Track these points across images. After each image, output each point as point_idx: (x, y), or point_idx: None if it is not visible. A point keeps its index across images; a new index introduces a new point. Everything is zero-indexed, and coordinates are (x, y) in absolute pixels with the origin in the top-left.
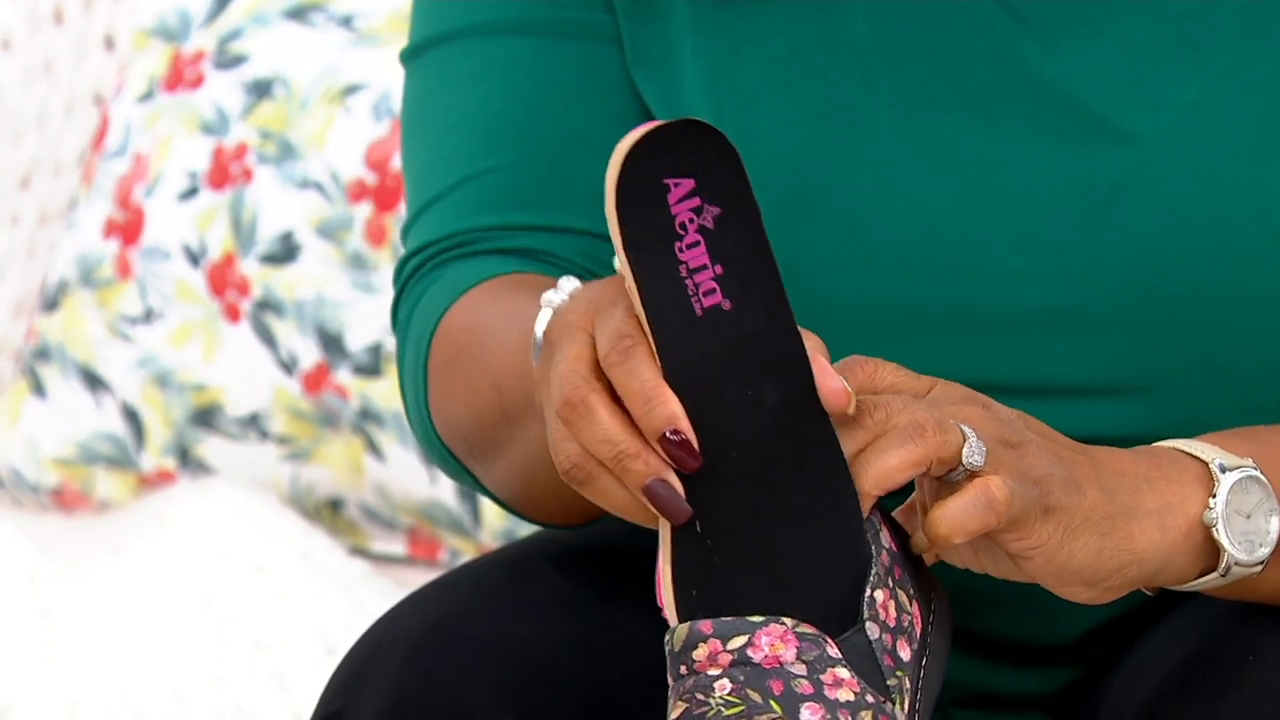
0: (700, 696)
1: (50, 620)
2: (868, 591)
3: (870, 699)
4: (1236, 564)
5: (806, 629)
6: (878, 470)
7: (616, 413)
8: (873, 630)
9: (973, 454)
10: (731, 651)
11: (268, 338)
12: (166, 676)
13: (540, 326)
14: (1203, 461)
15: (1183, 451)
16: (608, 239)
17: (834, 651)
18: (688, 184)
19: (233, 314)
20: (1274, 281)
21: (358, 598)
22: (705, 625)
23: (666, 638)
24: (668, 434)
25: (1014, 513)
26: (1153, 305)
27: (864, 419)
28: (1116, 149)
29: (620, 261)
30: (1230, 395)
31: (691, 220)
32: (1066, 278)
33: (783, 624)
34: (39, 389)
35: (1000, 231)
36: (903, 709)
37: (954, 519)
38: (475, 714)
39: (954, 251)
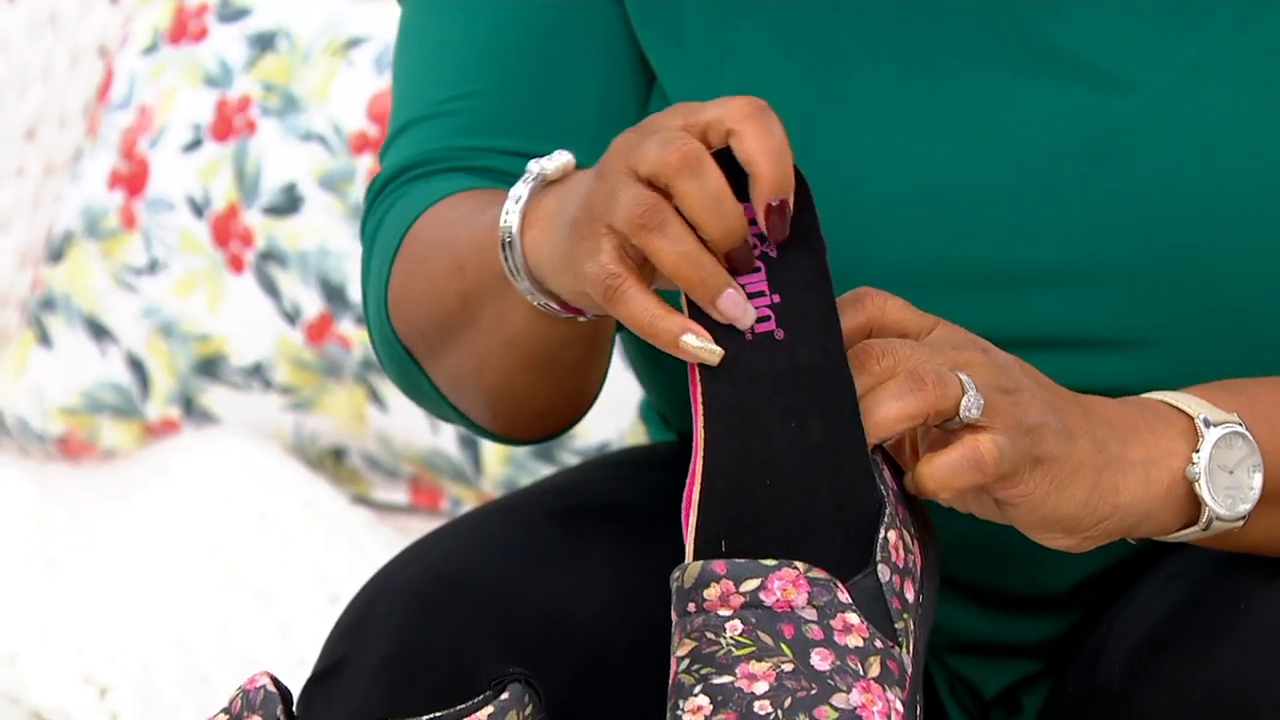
0: (710, 635)
1: (56, 568)
2: (881, 533)
3: (879, 644)
4: (1217, 519)
5: (818, 574)
6: (876, 420)
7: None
8: (884, 573)
9: (970, 408)
10: (744, 594)
11: (271, 288)
12: (171, 625)
13: (522, 190)
14: (1188, 416)
15: (1169, 405)
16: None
17: (844, 597)
18: (754, 213)
19: (236, 265)
20: (1270, 236)
21: (360, 546)
22: (718, 565)
23: (675, 574)
24: (773, 201)
25: (1002, 470)
26: (1151, 259)
27: (870, 364)
28: (1116, 104)
29: None
30: (1227, 348)
31: (756, 246)
32: (1066, 232)
33: (795, 568)
34: (45, 339)
35: (1000, 187)
36: (908, 652)
37: (941, 476)
38: (477, 663)
39: (953, 207)
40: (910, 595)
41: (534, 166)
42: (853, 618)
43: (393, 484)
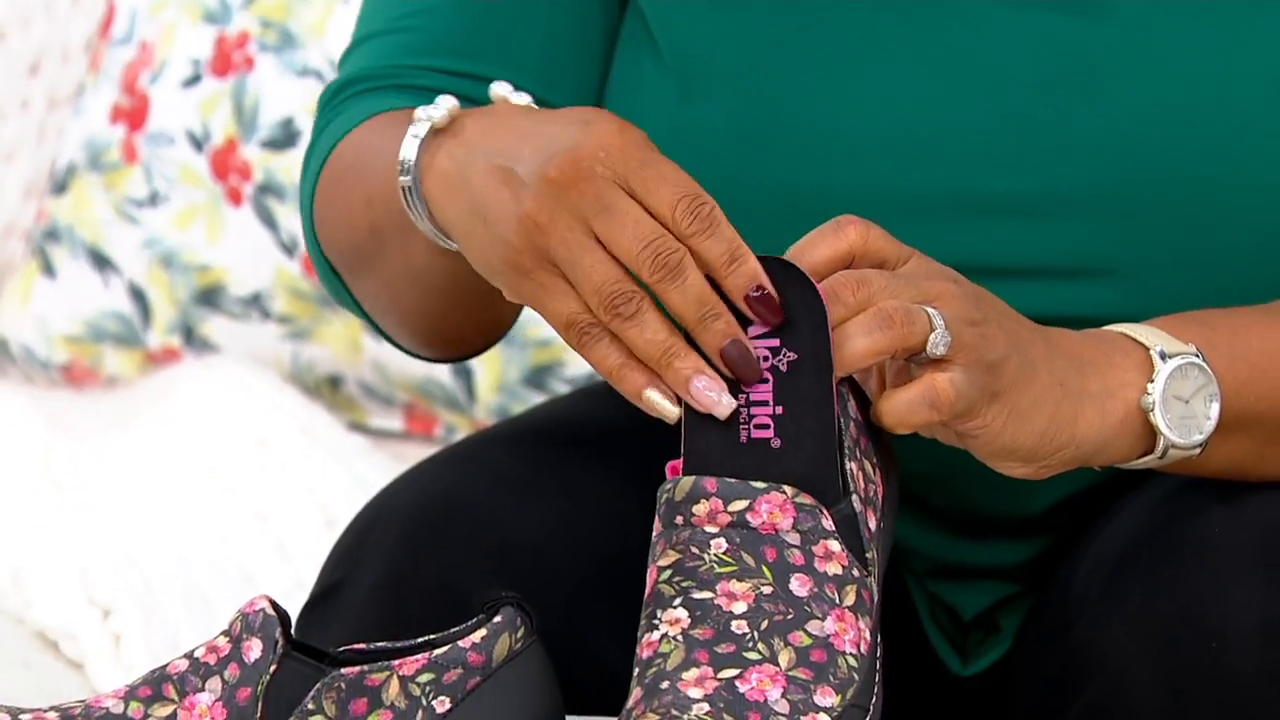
0: (695, 550)
1: (61, 491)
2: (841, 463)
3: (856, 573)
4: (1173, 447)
5: (805, 499)
6: (845, 354)
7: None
8: (856, 503)
9: (936, 344)
10: (731, 513)
11: (269, 220)
12: (173, 545)
13: (411, 144)
14: (1145, 348)
15: (1128, 336)
16: (544, 102)
17: (828, 524)
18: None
19: (235, 197)
20: (1243, 167)
21: (356, 471)
22: (709, 483)
23: (667, 485)
24: (751, 292)
25: (958, 409)
26: (1124, 189)
27: (845, 295)
28: (1091, 33)
29: None
30: (1199, 279)
31: (767, 359)
32: (1040, 162)
33: (783, 493)
34: (49, 269)
35: (975, 118)
36: (876, 582)
37: (899, 413)
38: (469, 588)
39: (930, 138)
40: (873, 525)
41: (420, 114)
42: (834, 545)
43: (388, 411)
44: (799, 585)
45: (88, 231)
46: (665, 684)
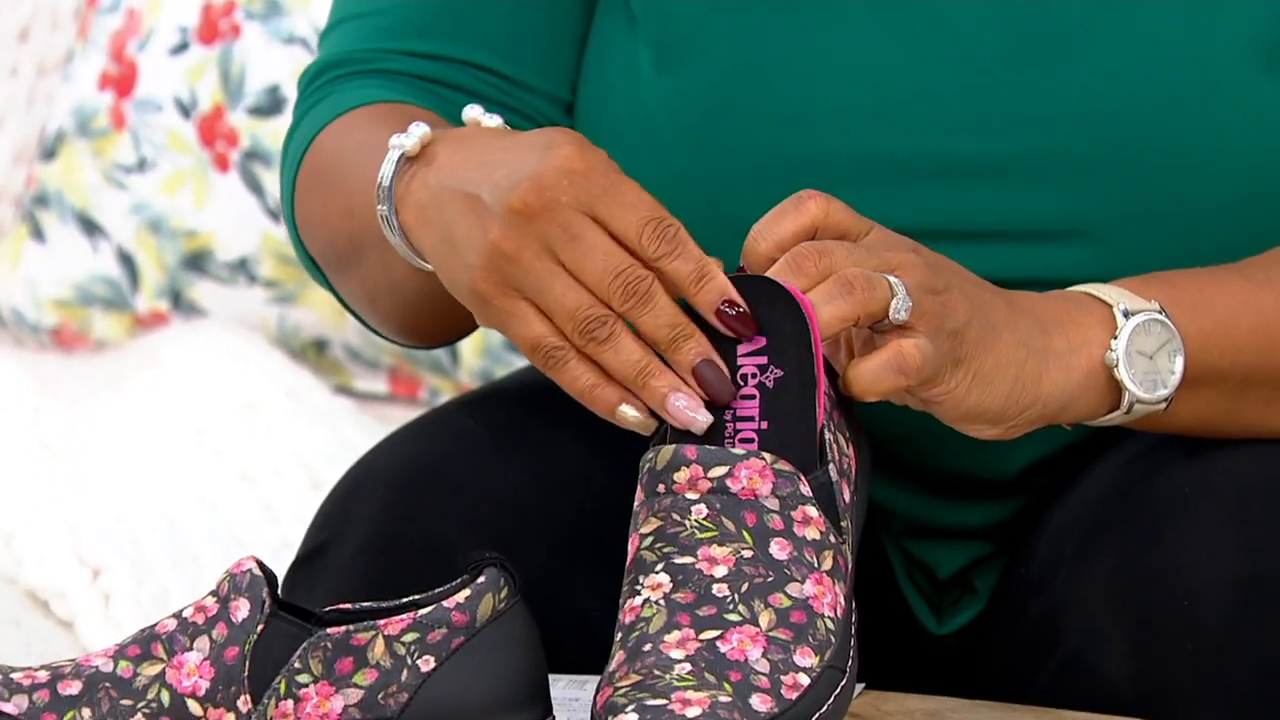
0: (676, 517)
1: (50, 453)
2: (823, 434)
3: (833, 539)
4: (1138, 402)
5: (784, 465)
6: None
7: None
8: (833, 472)
9: (898, 310)
10: (711, 479)
11: (255, 186)
12: (162, 506)
13: (387, 170)
14: (1108, 305)
15: (1091, 295)
16: (508, 77)
17: (806, 489)
18: (759, 342)
19: (222, 163)
20: (1211, 130)
21: (342, 433)
22: (690, 450)
23: (649, 454)
24: (723, 306)
25: (925, 374)
26: (1093, 153)
27: (807, 265)
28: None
29: None
30: (1168, 240)
31: (754, 375)
32: (1010, 126)
33: (763, 459)
34: (38, 234)
35: (948, 82)
36: (851, 551)
37: (866, 380)
38: (454, 548)
39: (902, 103)
40: (847, 496)
41: (394, 142)
42: (812, 511)
43: (373, 374)
44: (778, 549)
45: (77, 197)
46: (648, 646)
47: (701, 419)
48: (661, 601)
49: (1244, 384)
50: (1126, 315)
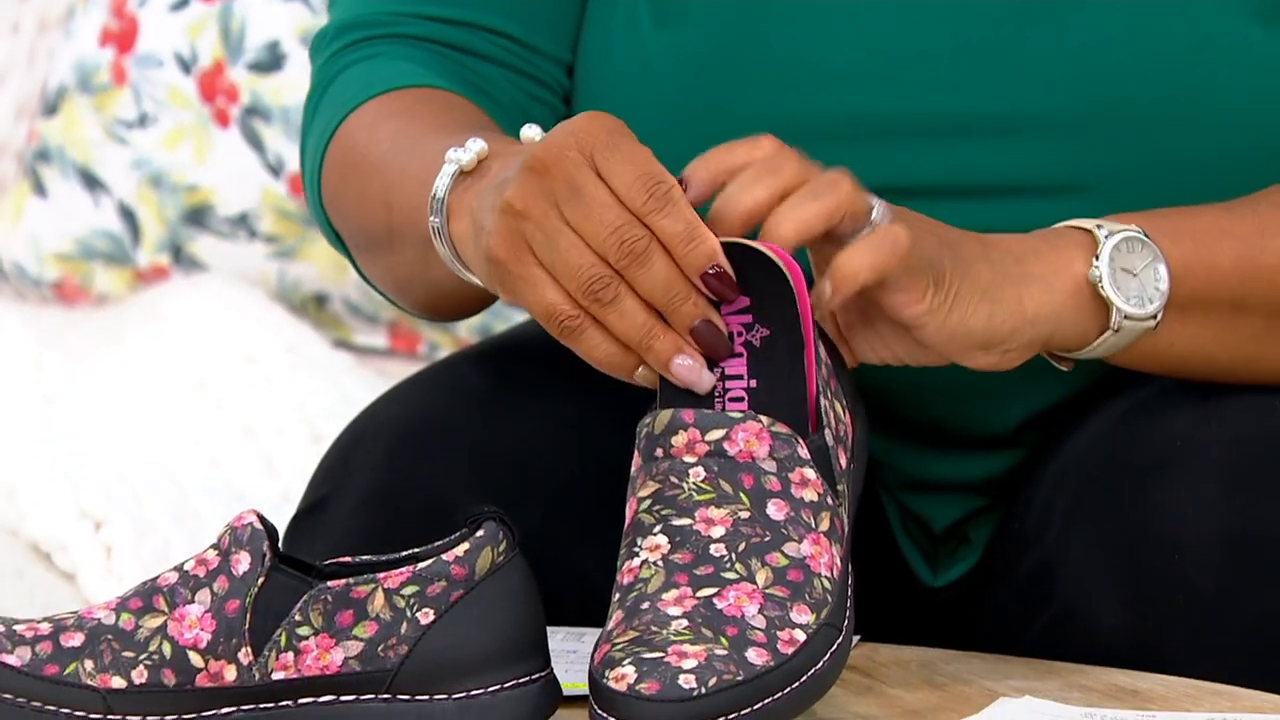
0: (674, 480)
1: (53, 406)
2: (818, 399)
3: (830, 501)
4: (1127, 318)
5: (781, 428)
6: (797, 220)
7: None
8: (829, 437)
9: (882, 214)
10: (709, 443)
11: (255, 142)
12: (163, 459)
13: (441, 184)
14: (1087, 230)
15: (1071, 225)
16: (521, 41)
17: (804, 452)
18: (743, 302)
19: (222, 119)
20: (1201, 84)
21: (342, 387)
22: (687, 414)
23: (646, 419)
24: (709, 270)
25: (914, 261)
26: (1086, 110)
27: (784, 169)
28: None
29: None
30: (1164, 193)
31: (740, 334)
32: (1004, 85)
33: (759, 422)
34: (40, 188)
35: (942, 41)
36: (848, 515)
37: (861, 258)
38: (453, 502)
39: (898, 61)
40: (844, 461)
41: (450, 156)
42: (810, 473)
43: (373, 329)
44: (776, 510)
45: (78, 152)
46: (645, 605)
47: (706, 380)
48: (659, 562)
49: (1233, 311)
50: (1107, 235)
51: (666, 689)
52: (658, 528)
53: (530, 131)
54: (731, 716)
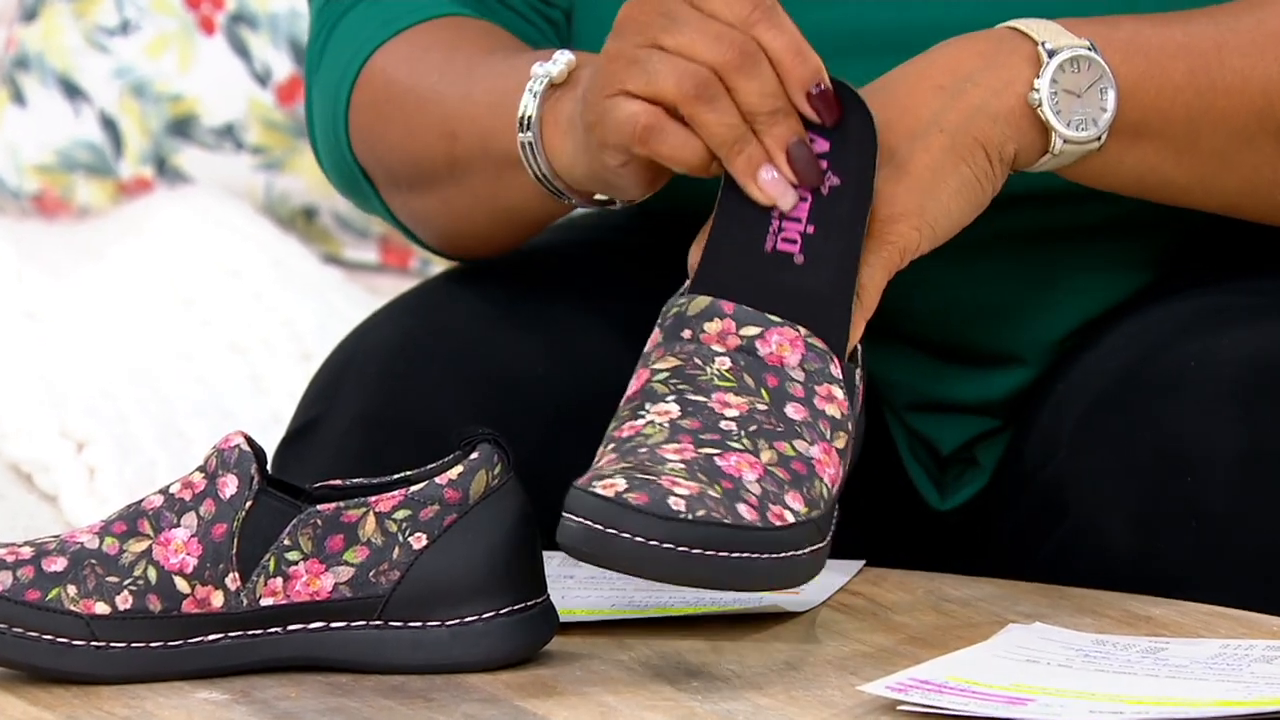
0: (698, 361)
1: (34, 322)
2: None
3: (850, 427)
4: (1066, 141)
5: (818, 342)
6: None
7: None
8: (858, 378)
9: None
10: (742, 337)
11: (242, 50)
12: (147, 378)
13: (530, 100)
14: (1035, 43)
15: (1019, 30)
16: None
17: (836, 370)
18: (822, 145)
19: (207, 26)
20: None
21: (331, 303)
22: (727, 305)
23: (680, 299)
24: (813, 89)
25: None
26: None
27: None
28: None
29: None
30: None
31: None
32: None
33: (797, 330)
34: (19, 97)
35: None
36: (845, 461)
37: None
38: (446, 423)
39: None
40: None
41: (539, 70)
42: (838, 391)
43: (363, 243)
44: (794, 411)
45: (58, 60)
46: (644, 450)
47: (790, 198)
48: (666, 424)
49: (1190, 131)
50: (1051, 54)
51: (654, 504)
52: (671, 398)
53: (570, 55)
54: (709, 553)
